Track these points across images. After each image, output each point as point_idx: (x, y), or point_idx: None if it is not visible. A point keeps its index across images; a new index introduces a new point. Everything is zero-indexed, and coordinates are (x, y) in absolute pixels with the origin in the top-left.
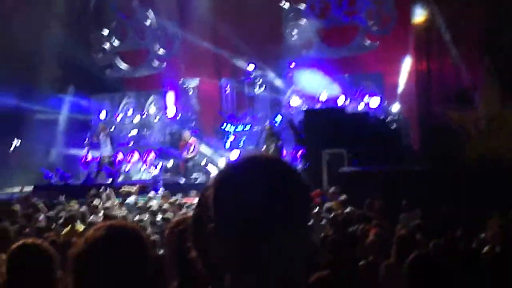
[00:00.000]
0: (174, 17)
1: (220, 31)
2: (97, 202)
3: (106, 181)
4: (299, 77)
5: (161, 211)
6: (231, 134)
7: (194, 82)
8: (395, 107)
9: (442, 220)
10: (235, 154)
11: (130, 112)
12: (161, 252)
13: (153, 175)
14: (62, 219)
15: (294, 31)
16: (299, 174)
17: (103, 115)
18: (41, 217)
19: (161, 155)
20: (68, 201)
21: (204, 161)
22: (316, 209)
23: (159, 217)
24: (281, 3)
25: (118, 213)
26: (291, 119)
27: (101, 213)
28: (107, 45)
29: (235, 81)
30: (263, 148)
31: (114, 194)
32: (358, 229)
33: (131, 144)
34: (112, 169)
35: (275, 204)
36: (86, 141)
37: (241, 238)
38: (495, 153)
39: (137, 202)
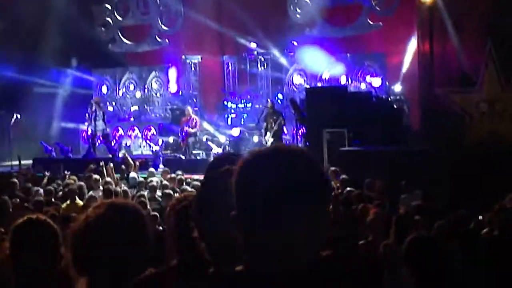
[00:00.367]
0: None
1: (223, 8)
2: (97, 176)
3: (106, 156)
4: (302, 56)
5: (161, 187)
6: (233, 111)
7: (196, 58)
8: (397, 88)
9: (442, 201)
10: (236, 131)
11: (131, 87)
12: (160, 228)
13: (154, 150)
14: (61, 193)
15: (297, 10)
16: (320, 165)
17: (104, 89)
18: (40, 191)
19: (162, 131)
20: (68, 175)
21: (205, 138)
22: None
23: (159, 193)
24: None
25: (118, 189)
26: (292, 98)
27: (101, 188)
28: (110, 20)
29: (238, 59)
30: (264, 126)
31: (114, 169)
32: (358, 209)
33: (132, 119)
34: (109, 143)
35: (296, 192)
36: (87, 115)
37: (263, 224)
38: (497, 135)
39: (137, 177)
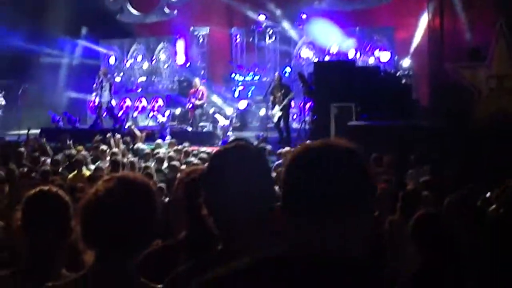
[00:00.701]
0: None
1: None
2: (104, 147)
3: (113, 126)
4: (310, 29)
5: (167, 159)
6: (240, 83)
7: (204, 30)
8: (406, 62)
9: (450, 177)
10: (243, 104)
11: (139, 58)
12: (166, 200)
13: (161, 122)
14: (68, 163)
15: None
16: (366, 164)
17: (112, 60)
18: (47, 161)
19: (169, 103)
20: (75, 145)
21: (212, 110)
22: None
23: (165, 164)
24: None
25: (124, 160)
26: (300, 71)
27: (108, 158)
28: None
29: (246, 31)
30: (271, 99)
31: (121, 139)
32: None
33: (139, 90)
34: (115, 115)
35: (343, 198)
36: (94, 85)
37: (309, 216)
38: (506, 112)
39: (143, 148)
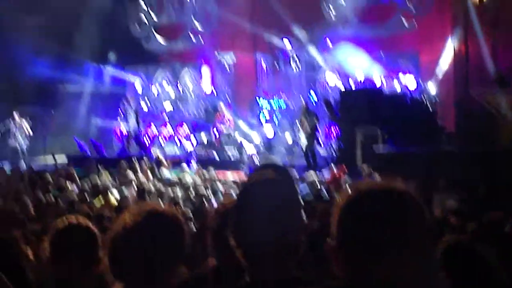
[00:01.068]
0: None
1: (257, 6)
2: (130, 174)
3: (139, 153)
4: (336, 54)
5: (193, 186)
6: (266, 109)
7: (230, 56)
8: (431, 88)
9: (477, 203)
10: (268, 129)
11: (165, 85)
12: (193, 227)
13: (186, 149)
14: (94, 191)
15: (332, 8)
16: (423, 208)
17: (138, 87)
18: (73, 188)
19: (195, 129)
20: (101, 172)
21: (238, 136)
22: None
23: (191, 191)
24: None
25: (151, 187)
26: (326, 97)
27: (134, 185)
28: (144, 17)
29: (271, 57)
30: (297, 124)
31: (147, 167)
32: None
33: (165, 117)
34: (141, 142)
35: (401, 242)
36: (120, 112)
37: (363, 259)
38: None
39: (170, 175)
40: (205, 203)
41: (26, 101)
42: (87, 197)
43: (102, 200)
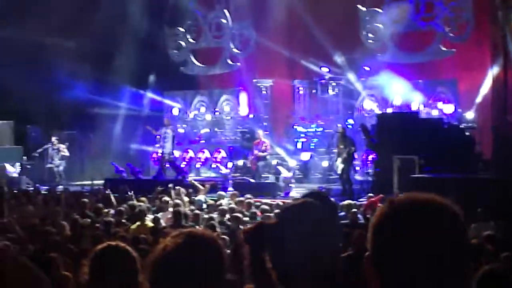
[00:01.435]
0: (249, 17)
1: (294, 33)
2: (166, 198)
3: (175, 177)
4: (373, 81)
5: (230, 210)
6: (303, 135)
7: (267, 82)
8: (469, 115)
9: None
10: (305, 155)
11: (202, 110)
12: (228, 251)
13: (223, 173)
14: (131, 214)
15: (370, 35)
16: (463, 223)
17: (175, 111)
18: (111, 211)
19: (232, 154)
20: (137, 196)
21: (274, 162)
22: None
23: (228, 216)
24: (358, 6)
25: (187, 211)
26: (363, 123)
27: (171, 209)
28: (182, 42)
29: (308, 83)
30: (334, 150)
31: (183, 191)
32: None
33: (202, 141)
34: (178, 166)
35: (441, 261)
36: (157, 137)
37: (397, 281)
38: None
39: (206, 200)
40: (241, 227)
41: (64, 125)
42: (123, 220)
43: (138, 223)
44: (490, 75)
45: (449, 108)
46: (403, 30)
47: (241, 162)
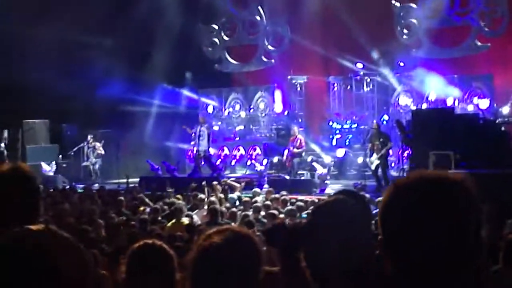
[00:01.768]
0: (283, 13)
1: (329, 29)
2: (202, 196)
3: (211, 175)
4: (408, 77)
5: (264, 207)
6: (338, 131)
7: (302, 79)
8: (505, 109)
9: None
10: (341, 152)
11: (237, 107)
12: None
13: (258, 170)
14: (167, 212)
15: (404, 30)
16: (477, 202)
17: (210, 109)
18: (146, 209)
19: (267, 151)
20: (173, 193)
21: (310, 158)
22: None
23: (263, 213)
24: (393, 1)
25: (223, 208)
26: (398, 119)
27: (205, 207)
28: (217, 40)
29: (343, 79)
30: (369, 146)
31: (219, 188)
32: None
33: (237, 139)
34: (213, 163)
35: (445, 231)
36: (192, 134)
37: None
38: None
39: (241, 197)
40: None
41: (100, 123)
42: (159, 218)
43: (173, 220)
44: None
45: (485, 103)
46: (438, 25)
47: (276, 159)
